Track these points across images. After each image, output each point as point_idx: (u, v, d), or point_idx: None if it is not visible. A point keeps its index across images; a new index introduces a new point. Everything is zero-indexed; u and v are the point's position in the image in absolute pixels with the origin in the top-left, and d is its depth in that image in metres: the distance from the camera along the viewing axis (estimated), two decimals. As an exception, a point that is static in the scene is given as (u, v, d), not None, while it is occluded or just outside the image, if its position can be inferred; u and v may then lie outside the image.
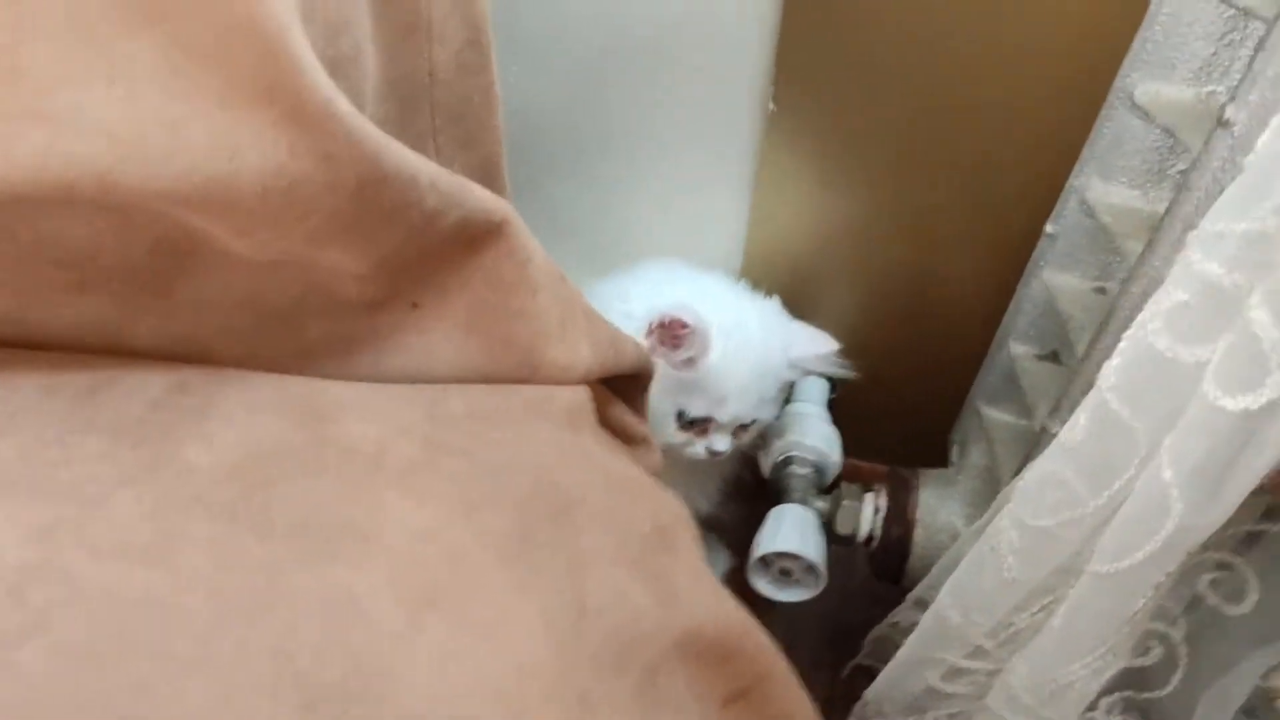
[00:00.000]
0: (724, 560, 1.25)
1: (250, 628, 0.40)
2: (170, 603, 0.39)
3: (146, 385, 0.47)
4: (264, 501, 0.43)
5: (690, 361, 0.92)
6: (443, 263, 0.51)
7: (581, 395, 0.59)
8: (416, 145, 0.55)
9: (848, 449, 1.17)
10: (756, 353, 0.97)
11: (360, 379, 0.53)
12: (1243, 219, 0.44)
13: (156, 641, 0.38)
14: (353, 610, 0.42)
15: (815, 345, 1.01)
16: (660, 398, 0.92)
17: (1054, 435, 0.65)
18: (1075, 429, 0.58)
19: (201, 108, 0.39)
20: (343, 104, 0.40)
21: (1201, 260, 0.47)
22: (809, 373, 1.04)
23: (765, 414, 1.01)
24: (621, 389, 0.71)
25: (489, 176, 0.61)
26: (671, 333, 0.90)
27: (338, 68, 0.44)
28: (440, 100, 0.54)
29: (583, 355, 0.59)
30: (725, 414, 0.96)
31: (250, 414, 0.47)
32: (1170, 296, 0.49)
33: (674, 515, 0.58)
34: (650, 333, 0.91)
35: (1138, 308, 0.54)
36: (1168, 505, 0.52)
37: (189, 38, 0.38)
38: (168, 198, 0.40)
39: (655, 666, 0.50)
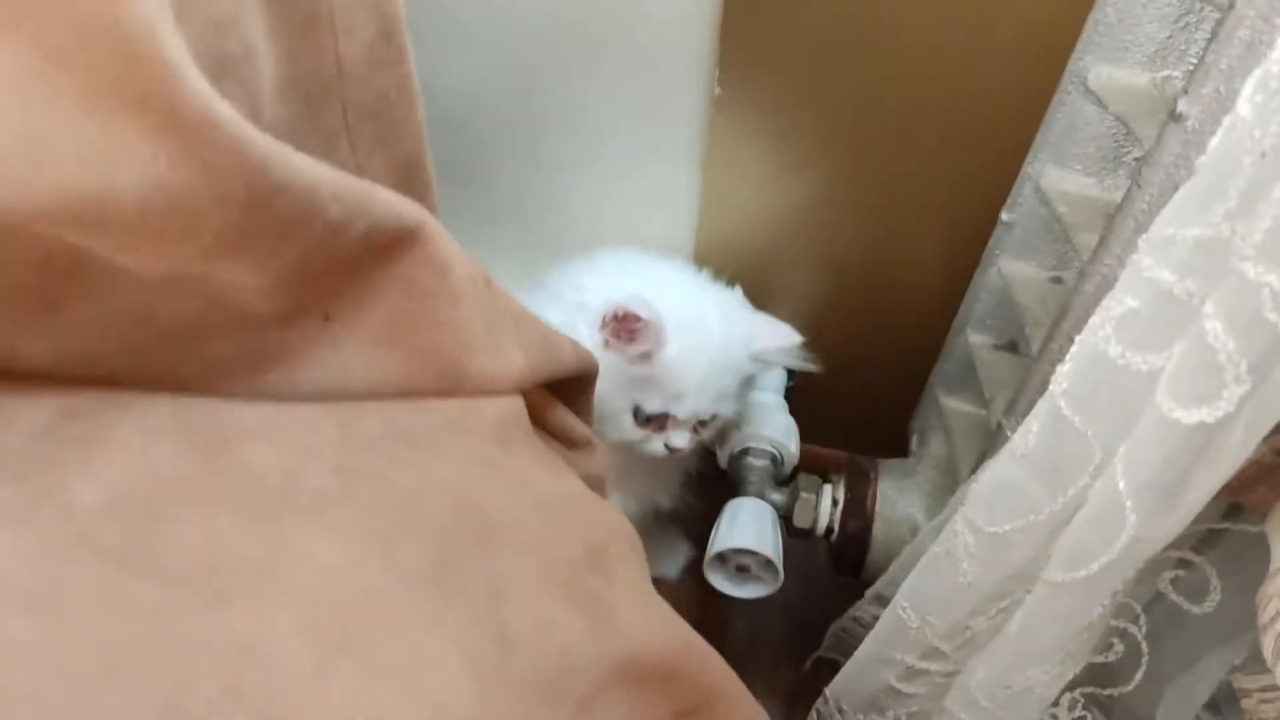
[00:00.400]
0: (685, 551, 1.23)
1: (141, 680, 0.37)
2: (53, 653, 0.37)
3: (32, 412, 0.44)
4: (156, 541, 0.40)
5: (645, 356, 0.88)
6: (354, 273, 0.48)
7: (512, 405, 0.57)
8: (328, 145, 0.52)
9: (807, 436, 1.15)
10: (716, 347, 0.93)
11: (273, 397, 0.50)
12: (1194, 224, 0.42)
13: (38, 694, 0.35)
14: (253, 658, 0.39)
15: (778, 338, 0.97)
16: (615, 393, 0.90)
17: (1009, 434, 0.63)
18: (1028, 435, 0.56)
19: (68, 118, 0.36)
20: (223, 109, 0.37)
21: (1152, 267, 0.44)
22: (771, 365, 1.01)
23: (725, 409, 0.97)
24: (563, 390, 0.68)
25: (412, 175, 0.58)
26: (625, 326, 0.86)
27: (225, 68, 0.41)
28: (352, 97, 0.51)
29: (513, 363, 0.56)
30: (683, 410, 0.92)
31: (144, 442, 0.44)
32: (1121, 303, 0.47)
33: (610, 532, 0.55)
34: (604, 326, 0.88)
35: (1091, 307, 0.52)
36: (1122, 516, 0.50)
37: (50, 43, 0.35)
38: (37, 217, 0.37)
39: (589, 697, 0.47)
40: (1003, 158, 0.85)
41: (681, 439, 0.94)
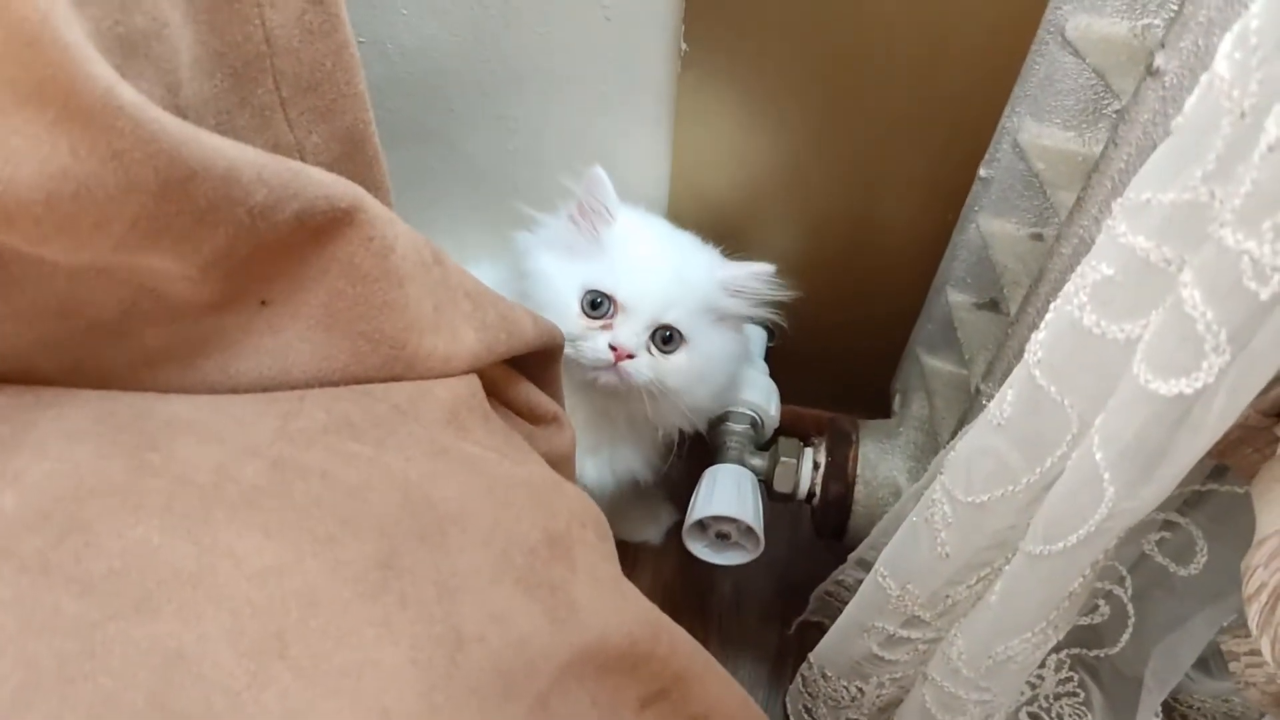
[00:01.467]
0: (667, 516, 1.21)
1: (62, 698, 0.35)
2: (-29, 671, 0.35)
3: (-52, 415, 0.41)
4: (78, 549, 0.38)
5: (594, 223, 0.89)
6: (290, 257, 0.46)
7: (466, 386, 0.55)
8: (261, 122, 0.50)
9: (788, 397, 1.13)
10: (675, 244, 0.93)
11: (210, 389, 0.48)
12: (1170, 188, 0.39)
13: (-43, 716, 0.34)
14: (183, 670, 0.37)
15: (748, 266, 0.93)
16: (565, 273, 0.89)
17: (985, 402, 0.61)
18: (1004, 405, 0.54)
19: (-39, 109, 0.33)
20: (127, 94, 0.35)
21: (1127, 233, 0.42)
22: (747, 309, 0.96)
23: (683, 322, 0.90)
24: (528, 365, 0.66)
25: (355, 148, 0.55)
26: (588, 195, 0.89)
27: (133, 47, 0.38)
28: (284, 69, 0.48)
29: (466, 342, 0.54)
30: (630, 293, 0.87)
31: (67, 444, 0.41)
32: (1096, 270, 0.45)
33: (571, 516, 0.53)
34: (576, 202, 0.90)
35: (1069, 269, 0.50)
36: (1100, 488, 0.48)
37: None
38: (-64, 212, 0.34)
39: (547, 692, 0.46)
40: (980, 111, 0.82)
41: (629, 336, 0.87)
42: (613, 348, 0.86)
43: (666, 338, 0.90)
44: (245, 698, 0.37)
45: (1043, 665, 0.80)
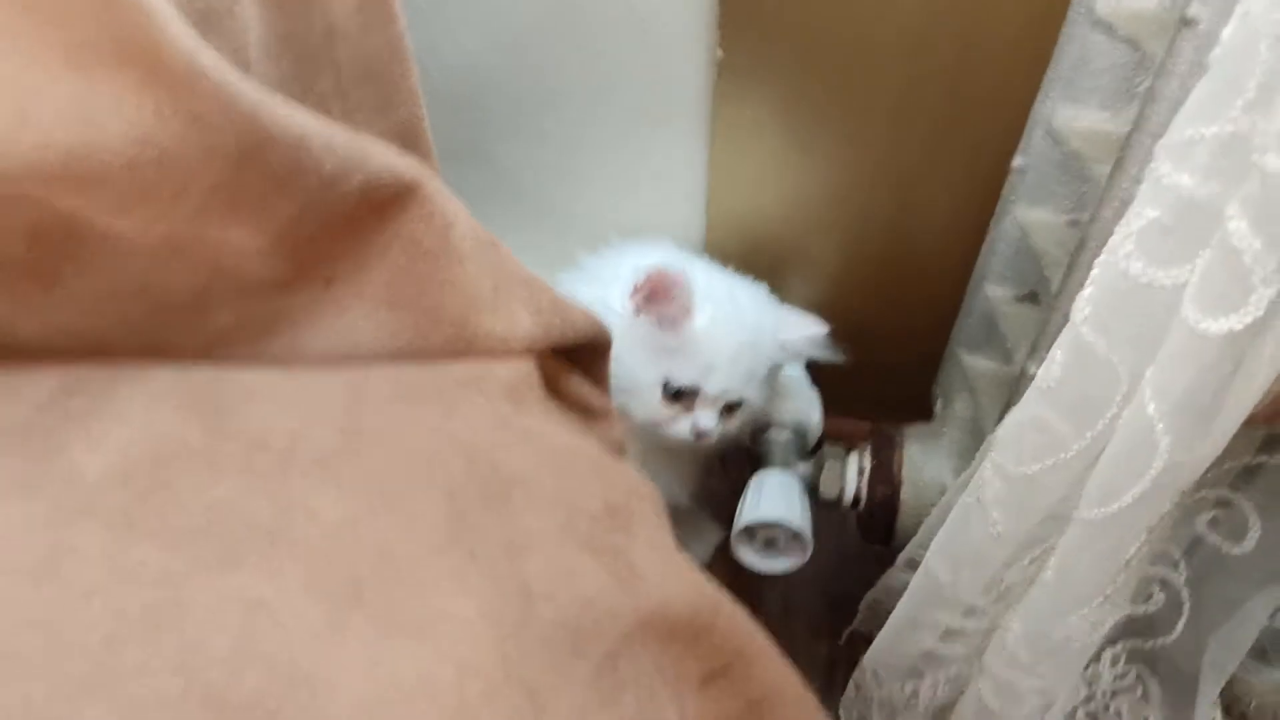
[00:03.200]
0: (713, 534, 1.21)
1: (151, 643, 0.36)
2: (63, 620, 0.36)
3: (33, 387, 0.43)
4: (161, 506, 0.40)
5: (674, 321, 0.89)
6: (353, 233, 0.47)
7: (524, 368, 0.56)
8: (322, 109, 0.52)
9: (829, 407, 1.13)
10: (747, 321, 0.94)
11: (277, 363, 0.49)
12: (1213, 121, 0.40)
13: (49, 662, 0.35)
14: (265, 616, 0.38)
15: (805, 327, 0.98)
16: (644, 365, 0.91)
17: (1033, 377, 0.61)
18: (1051, 367, 0.55)
19: (48, 72, 0.35)
20: (209, 58, 0.36)
21: (1172, 172, 0.43)
22: (798, 355, 0.99)
23: (753, 394, 0.96)
24: (579, 359, 0.67)
25: (410, 142, 0.57)
26: (656, 290, 0.88)
27: (207, 21, 0.40)
28: (343, 59, 0.50)
29: (522, 324, 0.55)
30: (714, 384, 0.91)
31: (146, 411, 0.43)
32: (1141, 215, 0.45)
33: (629, 491, 0.54)
34: (635, 292, 0.89)
35: (1109, 233, 0.50)
36: (1154, 442, 0.48)
37: (26, -6, 0.34)
38: (23, 177, 0.36)
39: (615, 651, 0.46)
40: (1012, 101, 0.83)
41: (709, 419, 0.92)
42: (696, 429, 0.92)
43: (733, 406, 0.95)
44: (325, 643, 0.38)
45: (1099, 660, 0.79)
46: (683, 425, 0.93)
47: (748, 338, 0.93)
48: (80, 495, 0.39)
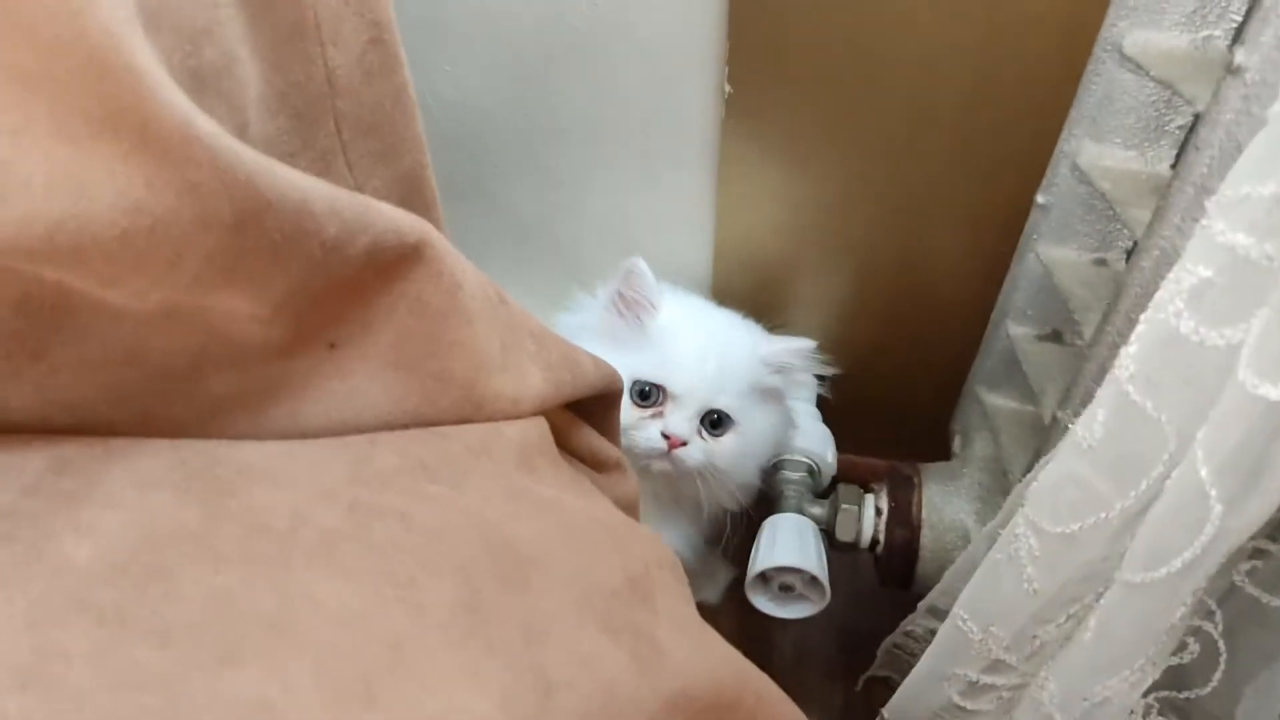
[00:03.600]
0: (725, 574, 1.19)
1: (145, 754, 0.33)
2: (51, 731, 0.33)
3: (18, 468, 0.40)
4: (157, 599, 0.37)
5: (638, 314, 0.91)
6: (358, 295, 0.45)
7: (536, 428, 0.53)
8: (323, 165, 0.49)
9: (842, 445, 1.11)
10: (716, 324, 0.96)
11: (279, 434, 0.47)
12: (1271, 180, 0.38)
13: (37, 780, 0.32)
14: (269, 719, 0.35)
15: (789, 343, 0.96)
16: (611, 357, 0.88)
17: (1066, 426, 0.59)
18: (1093, 425, 0.52)
19: (34, 143, 0.33)
20: (203, 124, 0.34)
21: (1225, 231, 0.40)
22: (791, 371, 0.97)
23: (735, 407, 0.92)
24: (587, 410, 0.65)
25: (414, 190, 0.54)
26: (629, 287, 0.91)
27: (203, 81, 0.38)
28: (345, 110, 0.48)
29: (533, 383, 0.53)
30: (679, 381, 0.89)
31: (139, 493, 0.40)
32: (1192, 273, 0.43)
33: (649, 558, 0.52)
34: (615, 290, 0.93)
35: (1151, 284, 0.48)
36: (1206, 505, 0.46)
37: (10, 63, 0.32)
38: (9, 252, 0.34)
39: (640, 738, 0.44)
40: (1034, 138, 0.81)
41: (680, 424, 0.89)
42: (665, 436, 0.89)
43: (715, 421, 0.92)
44: (335, 749, 0.35)
45: (1130, 712, 0.77)
46: (653, 430, 0.90)
47: (717, 340, 0.93)
48: (69, 588, 0.37)
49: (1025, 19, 0.78)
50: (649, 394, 0.90)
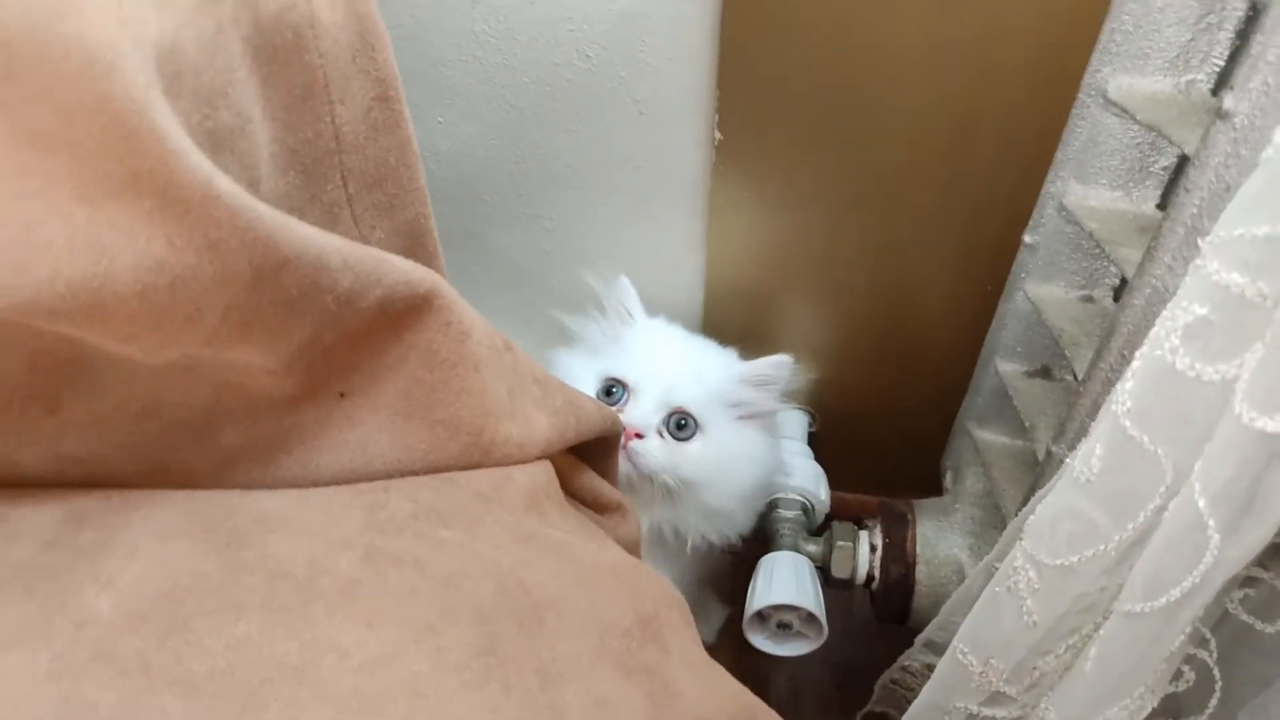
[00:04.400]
0: (719, 613, 1.19)
1: (171, 805, 0.34)
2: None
3: (36, 522, 0.41)
4: (180, 648, 0.37)
5: (615, 324, 0.95)
6: (368, 346, 0.45)
7: (543, 472, 0.54)
8: (330, 218, 0.50)
9: (834, 482, 1.12)
10: (691, 342, 0.98)
11: (291, 484, 0.47)
12: (1264, 221, 0.39)
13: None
14: (293, 769, 0.36)
15: (764, 360, 0.94)
16: (585, 364, 0.94)
17: (1061, 461, 0.60)
18: (1091, 460, 0.53)
19: (57, 205, 0.33)
20: (224, 184, 0.35)
21: (1220, 270, 0.42)
22: (772, 386, 0.96)
23: (698, 409, 0.91)
24: (587, 454, 0.65)
25: (417, 241, 0.55)
26: (609, 296, 0.96)
27: (219, 142, 0.39)
28: (351, 165, 0.49)
29: (539, 428, 0.54)
30: (638, 373, 0.90)
31: (159, 544, 0.41)
32: (1187, 311, 0.44)
33: (658, 599, 0.52)
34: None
35: (1143, 321, 0.49)
36: (1204, 537, 0.47)
37: (34, 127, 0.32)
38: (30, 311, 0.34)
39: (654, 777, 0.44)
40: (1021, 180, 0.83)
41: (637, 415, 0.88)
42: (629, 429, 0.87)
43: (681, 423, 0.90)
44: (357, 796, 0.36)
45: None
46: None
47: (686, 347, 0.96)
48: (93, 640, 0.37)
49: (1011, 65, 0.81)
50: (613, 390, 0.91)
